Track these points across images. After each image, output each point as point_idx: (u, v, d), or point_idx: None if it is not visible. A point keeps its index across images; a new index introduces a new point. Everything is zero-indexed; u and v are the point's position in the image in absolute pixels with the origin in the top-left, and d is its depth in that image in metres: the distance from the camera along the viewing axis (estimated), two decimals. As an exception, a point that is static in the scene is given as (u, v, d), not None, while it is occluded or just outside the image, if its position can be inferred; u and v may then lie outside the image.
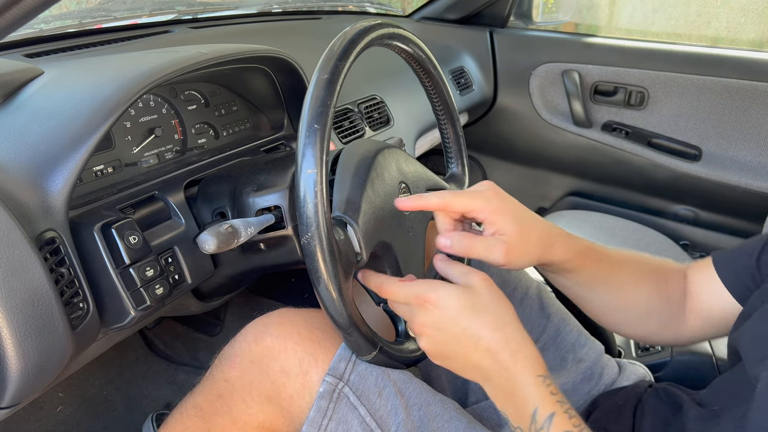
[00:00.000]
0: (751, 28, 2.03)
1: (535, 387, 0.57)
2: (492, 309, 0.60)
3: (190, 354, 1.43)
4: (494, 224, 0.66)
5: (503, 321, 0.59)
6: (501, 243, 0.64)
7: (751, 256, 0.70)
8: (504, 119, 1.92)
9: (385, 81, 1.43)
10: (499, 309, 0.60)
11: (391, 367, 0.70)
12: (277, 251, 0.78)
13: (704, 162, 1.59)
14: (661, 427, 0.68)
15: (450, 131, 0.88)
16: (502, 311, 0.60)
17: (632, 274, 0.75)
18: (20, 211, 0.57)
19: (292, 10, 1.70)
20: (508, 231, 0.65)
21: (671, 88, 1.59)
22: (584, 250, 0.72)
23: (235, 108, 1.03)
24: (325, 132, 0.59)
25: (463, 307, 0.60)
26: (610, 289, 0.75)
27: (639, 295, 0.75)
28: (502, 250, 0.64)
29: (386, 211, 0.73)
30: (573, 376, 0.83)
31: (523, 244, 0.66)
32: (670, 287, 0.76)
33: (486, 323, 0.59)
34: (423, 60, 0.80)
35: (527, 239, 0.66)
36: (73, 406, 1.28)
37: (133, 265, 0.66)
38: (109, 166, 0.80)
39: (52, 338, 0.58)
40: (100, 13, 1.34)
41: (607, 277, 0.74)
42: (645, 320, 0.76)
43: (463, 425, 0.67)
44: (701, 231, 1.73)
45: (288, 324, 0.71)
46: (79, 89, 0.70)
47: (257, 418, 0.70)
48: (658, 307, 0.75)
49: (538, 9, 1.90)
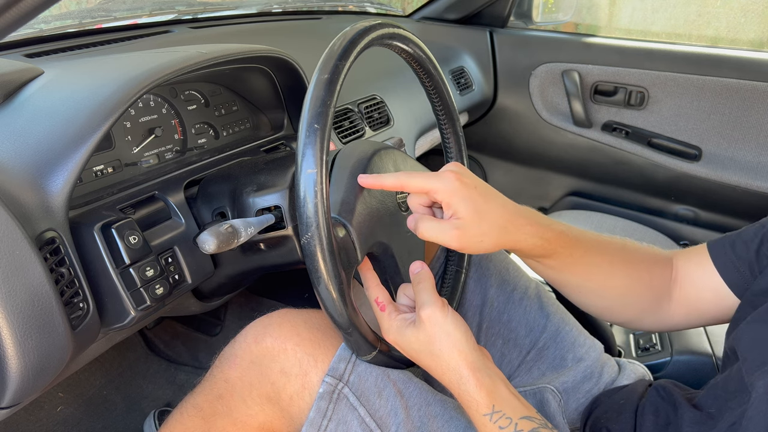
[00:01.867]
0: (751, 28, 2.02)
1: (483, 426, 0.60)
2: (435, 350, 0.63)
3: (190, 354, 1.43)
4: (450, 207, 0.64)
5: (446, 365, 0.63)
6: (454, 227, 0.63)
7: (750, 246, 0.69)
8: (504, 119, 1.92)
9: (385, 81, 1.43)
10: (442, 350, 0.63)
11: (391, 367, 0.70)
12: (277, 251, 0.78)
13: (704, 162, 1.59)
14: (662, 426, 0.68)
15: (450, 131, 0.88)
16: (445, 352, 0.62)
17: (607, 260, 0.74)
18: (20, 211, 0.57)
19: (292, 10, 1.70)
20: (462, 214, 0.64)
21: (671, 88, 1.59)
22: (556, 236, 0.70)
23: (235, 108, 1.03)
24: (326, 132, 0.59)
25: (416, 350, 0.64)
26: (581, 272, 0.74)
27: (613, 280, 0.75)
28: (454, 235, 0.63)
29: (383, 212, 0.73)
30: (573, 376, 0.83)
31: (477, 228, 0.64)
32: (654, 274, 0.75)
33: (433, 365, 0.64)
34: (423, 60, 0.80)
35: (483, 224, 0.64)
36: (73, 406, 1.28)
37: (133, 265, 0.66)
38: (109, 166, 0.80)
39: (52, 338, 0.58)
40: (100, 13, 1.34)
41: (579, 262, 0.73)
42: (622, 305, 0.76)
43: (462, 425, 0.68)
44: (701, 231, 1.73)
45: (288, 325, 0.71)
46: (79, 89, 0.70)
47: (257, 418, 0.70)
48: (638, 292, 0.75)
49: (538, 9, 1.89)
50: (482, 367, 0.62)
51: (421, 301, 0.64)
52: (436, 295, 0.64)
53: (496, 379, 0.62)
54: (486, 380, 0.61)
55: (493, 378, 0.61)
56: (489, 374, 0.61)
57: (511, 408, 0.60)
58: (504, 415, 0.59)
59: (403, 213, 0.76)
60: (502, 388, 0.61)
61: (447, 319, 0.63)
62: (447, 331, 0.62)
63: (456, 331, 0.63)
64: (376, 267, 0.74)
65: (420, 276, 0.67)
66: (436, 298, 0.64)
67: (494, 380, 0.61)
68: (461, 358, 0.62)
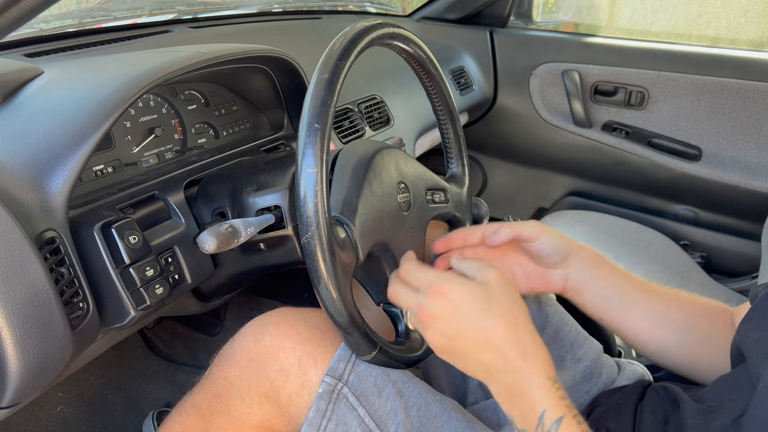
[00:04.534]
0: (752, 28, 2.02)
1: (544, 389, 0.56)
2: (506, 307, 0.59)
3: (190, 354, 1.43)
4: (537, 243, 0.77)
5: (516, 320, 0.59)
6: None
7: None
8: (504, 119, 1.92)
9: (385, 81, 1.43)
10: (513, 307, 0.60)
11: (390, 367, 0.70)
12: (277, 251, 0.78)
13: (704, 162, 1.59)
14: (661, 424, 0.68)
15: (450, 131, 0.88)
16: (516, 310, 0.60)
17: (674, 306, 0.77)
18: (20, 211, 0.57)
19: (292, 10, 1.70)
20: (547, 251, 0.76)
21: (671, 88, 1.59)
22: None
23: (235, 108, 1.03)
24: (326, 131, 0.59)
25: (477, 302, 0.59)
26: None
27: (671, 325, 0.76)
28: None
29: (384, 211, 0.73)
30: (572, 376, 0.83)
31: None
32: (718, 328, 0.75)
33: (499, 321, 0.58)
34: (423, 60, 0.80)
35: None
36: (72, 405, 1.28)
37: (133, 264, 0.66)
38: (109, 166, 0.80)
39: (52, 338, 0.58)
40: (100, 13, 1.34)
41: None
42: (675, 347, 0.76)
43: (462, 425, 0.67)
44: (701, 231, 1.73)
45: (287, 323, 0.71)
46: (79, 89, 0.70)
47: (256, 417, 0.70)
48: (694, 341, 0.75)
49: (538, 9, 1.89)
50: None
51: (479, 265, 0.63)
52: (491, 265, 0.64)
53: None
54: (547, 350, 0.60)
55: None
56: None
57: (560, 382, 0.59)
58: (562, 387, 0.57)
59: (404, 213, 0.76)
60: None
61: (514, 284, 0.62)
62: (517, 293, 0.62)
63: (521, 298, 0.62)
64: (377, 267, 0.74)
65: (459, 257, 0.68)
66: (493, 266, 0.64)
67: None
68: (530, 321, 0.60)
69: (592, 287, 0.77)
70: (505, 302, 0.60)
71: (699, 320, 0.76)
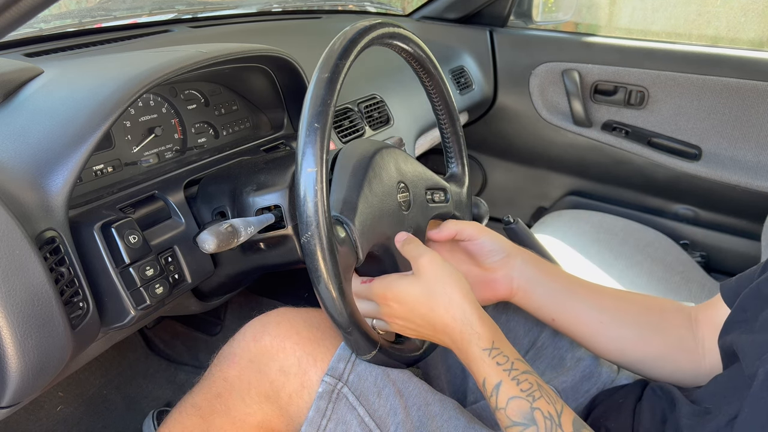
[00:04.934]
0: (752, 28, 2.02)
1: (480, 360, 0.62)
2: (438, 292, 0.65)
3: (190, 353, 1.43)
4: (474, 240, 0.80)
5: (449, 302, 0.64)
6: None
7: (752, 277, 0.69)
8: (504, 119, 1.92)
9: (385, 80, 1.43)
10: (444, 290, 0.65)
11: (390, 366, 0.70)
12: (277, 251, 0.78)
13: (704, 161, 1.59)
14: (659, 424, 0.68)
15: (450, 131, 0.88)
16: (448, 292, 0.65)
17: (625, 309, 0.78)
18: (20, 211, 0.57)
19: (292, 10, 1.70)
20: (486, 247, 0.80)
21: (671, 87, 1.59)
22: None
23: (235, 107, 1.03)
24: (326, 131, 0.59)
25: (415, 295, 0.66)
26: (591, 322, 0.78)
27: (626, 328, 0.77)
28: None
29: (384, 210, 0.73)
30: (572, 375, 0.83)
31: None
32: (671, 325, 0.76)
33: (435, 308, 0.65)
34: (423, 59, 0.80)
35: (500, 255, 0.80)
36: (73, 405, 1.28)
37: (133, 264, 0.66)
38: (109, 166, 0.80)
39: (52, 337, 0.58)
40: (100, 13, 1.34)
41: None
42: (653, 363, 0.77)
43: (462, 424, 0.68)
44: (701, 230, 1.73)
45: (287, 323, 0.71)
46: (79, 88, 0.70)
47: (256, 417, 0.70)
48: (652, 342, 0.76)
49: (538, 8, 1.89)
50: (481, 308, 0.65)
51: (416, 253, 0.68)
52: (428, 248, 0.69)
53: (493, 321, 0.65)
54: (486, 318, 0.64)
55: (491, 320, 0.65)
56: (488, 316, 0.65)
57: (508, 349, 0.63)
58: (502, 353, 0.62)
59: (404, 212, 0.76)
60: (499, 331, 0.64)
61: (446, 262, 0.67)
62: (449, 271, 0.66)
63: (456, 271, 0.66)
64: (376, 266, 0.74)
65: (407, 239, 0.72)
66: (429, 249, 0.68)
67: (492, 322, 0.65)
68: (463, 294, 0.65)
69: (538, 287, 0.78)
70: (436, 288, 0.65)
71: (650, 315, 0.77)
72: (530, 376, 0.60)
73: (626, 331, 0.76)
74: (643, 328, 0.76)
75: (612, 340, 0.77)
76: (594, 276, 1.36)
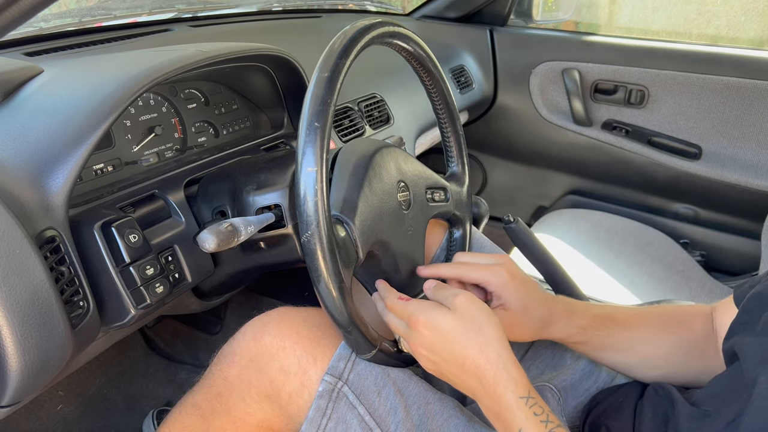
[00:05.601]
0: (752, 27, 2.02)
1: (517, 409, 0.59)
2: (475, 331, 0.62)
3: (190, 352, 1.43)
4: (500, 298, 0.73)
5: (485, 343, 0.61)
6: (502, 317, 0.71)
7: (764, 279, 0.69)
8: (504, 118, 1.92)
9: (385, 79, 1.43)
10: (482, 330, 0.62)
11: (390, 365, 0.70)
12: (277, 250, 0.78)
13: (704, 160, 1.59)
14: (660, 424, 0.68)
15: (450, 130, 0.88)
16: (485, 332, 0.62)
17: (649, 331, 0.76)
18: (20, 210, 0.57)
19: (292, 9, 1.70)
20: (511, 306, 0.72)
21: (671, 86, 1.59)
22: (590, 322, 0.75)
23: (235, 106, 1.03)
24: (326, 130, 0.59)
25: (449, 329, 0.62)
26: (624, 348, 0.76)
27: (658, 347, 0.76)
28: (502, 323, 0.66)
29: (384, 210, 0.73)
30: (572, 374, 0.83)
31: (523, 320, 0.72)
32: (696, 332, 0.75)
33: (469, 345, 0.61)
34: (423, 58, 0.80)
35: (528, 317, 0.73)
36: (73, 404, 1.28)
37: (133, 263, 0.66)
38: (109, 165, 0.80)
39: (52, 337, 0.58)
40: (100, 12, 1.34)
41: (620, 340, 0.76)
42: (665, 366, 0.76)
43: (462, 423, 0.68)
44: (701, 229, 1.73)
45: (287, 323, 0.71)
46: (79, 88, 0.70)
47: (256, 416, 0.70)
48: (681, 352, 0.75)
49: (538, 7, 1.89)
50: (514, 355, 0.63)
51: (451, 294, 0.65)
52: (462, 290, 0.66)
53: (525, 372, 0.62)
54: (519, 366, 0.62)
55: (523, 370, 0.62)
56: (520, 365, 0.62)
57: (540, 400, 0.60)
58: (537, 403, 0.59)
59: (404, 212, 0.76)
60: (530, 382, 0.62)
61: (483, 303, 0.64)
62: (486, 313, 0.63)
63: (493, 314, 0.64)
64: (376, 266, 0.74)
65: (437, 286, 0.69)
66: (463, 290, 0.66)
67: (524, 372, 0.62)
68: (499, 337, 0.62)
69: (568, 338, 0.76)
70: (473, 327, 0.62)
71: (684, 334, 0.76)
72: (563, 430, 0.58)
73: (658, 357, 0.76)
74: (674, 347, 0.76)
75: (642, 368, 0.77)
76: (594, 275, 1.36)
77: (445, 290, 0.67)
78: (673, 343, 0.76)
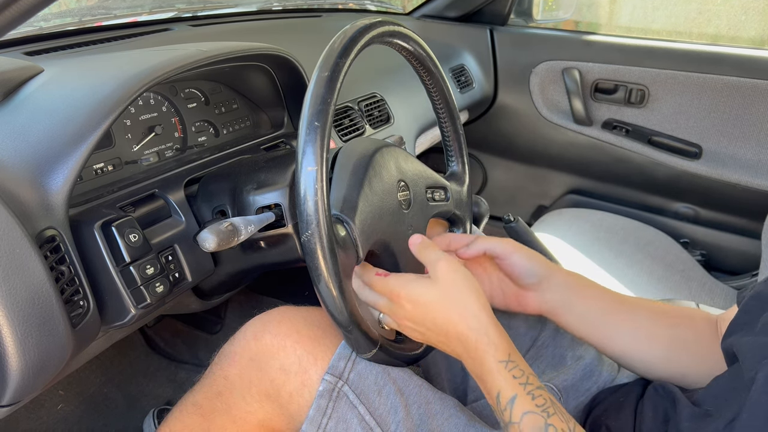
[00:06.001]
0: (752, 26, 2.02)
1: (497, 372, 0.60)
2: (455, 299, 0.63)
3: (190, 352, 1.43)
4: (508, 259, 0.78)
5: (465, 309, 0.63)
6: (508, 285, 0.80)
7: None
8: (504, 117, 1.92)
9: (386, 79, 1.43)
10: (461, 297, 0.63)
11: (391, 365, 0.70)
12: (278, 249, 0.78)
13: (704, 160, 1.59)
14: (661, 424, 0.68)
15: (450, 129, 0.88)
16: (464, 299, 0.63)
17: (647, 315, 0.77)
18: (20, 210, 0.57)
19: (292, 8, 1.70)
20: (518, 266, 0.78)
21: (672, 86, 1.59)
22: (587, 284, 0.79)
23: (235, 106, 1.03)
24: (326, 129, 0.59)
25: (430, 300, 0.64)
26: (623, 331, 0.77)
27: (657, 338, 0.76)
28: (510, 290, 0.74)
29: (384, 209, 0.73)
30: (572, 374, 0.83)
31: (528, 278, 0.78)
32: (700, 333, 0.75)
33: (451, 314, 0.63)
34: (423, 58, 0.80)
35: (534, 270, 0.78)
36: (73, 404, 1.28)
37: (133, 263, 0.66)
38: (109, 164, 0.80)
39: (53, 336, 0.58)
40: (100, 11, 1.34)
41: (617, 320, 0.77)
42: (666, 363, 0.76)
43: (462, 423, 0.68)
44: (701, 229, 1.73)
45: (287, 322, 0.71)
46: (79, 87, 0.70)
47: (256, 416, 0.70)
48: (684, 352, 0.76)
49: (538, 7, 1.89)
50: (496, 319, 0.64)
51: (434, 258, 0.66)
52: (445, 253, 0.67)
53: (507, 334, 0.64)
54: (501, 330, 0.63)
55: (505, 332, 0.63)
56: (502, 327, 0.64)
57: (522, 362, 0.62)
58: (517, 366, 0.60)
59: (404, 211, 0.76)
60: (513, 344, 0.63)
61: (463, 269, 0.65)
62: (466, 279, 0.65)
63: (473, 279, 0.65)
64: (377, 265, 0.74)
65: (423, 243, 0.70)
66: (446, 253, 0.67)
67: (506, 334, 0.63)
68: (480, 303, 0.63)
69: (570, 310, 0.77)
70: (453, 294, 0.64)
71: (685, 333, 0.76)
72: (544, 392, 0.59)
73: (657, 352, 0.76)
74: (676, 348, 0.75)
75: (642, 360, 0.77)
76: (594, 275, 1.36)
77: (430, 252, 0.68)
78: (673, 338, 0.75)
